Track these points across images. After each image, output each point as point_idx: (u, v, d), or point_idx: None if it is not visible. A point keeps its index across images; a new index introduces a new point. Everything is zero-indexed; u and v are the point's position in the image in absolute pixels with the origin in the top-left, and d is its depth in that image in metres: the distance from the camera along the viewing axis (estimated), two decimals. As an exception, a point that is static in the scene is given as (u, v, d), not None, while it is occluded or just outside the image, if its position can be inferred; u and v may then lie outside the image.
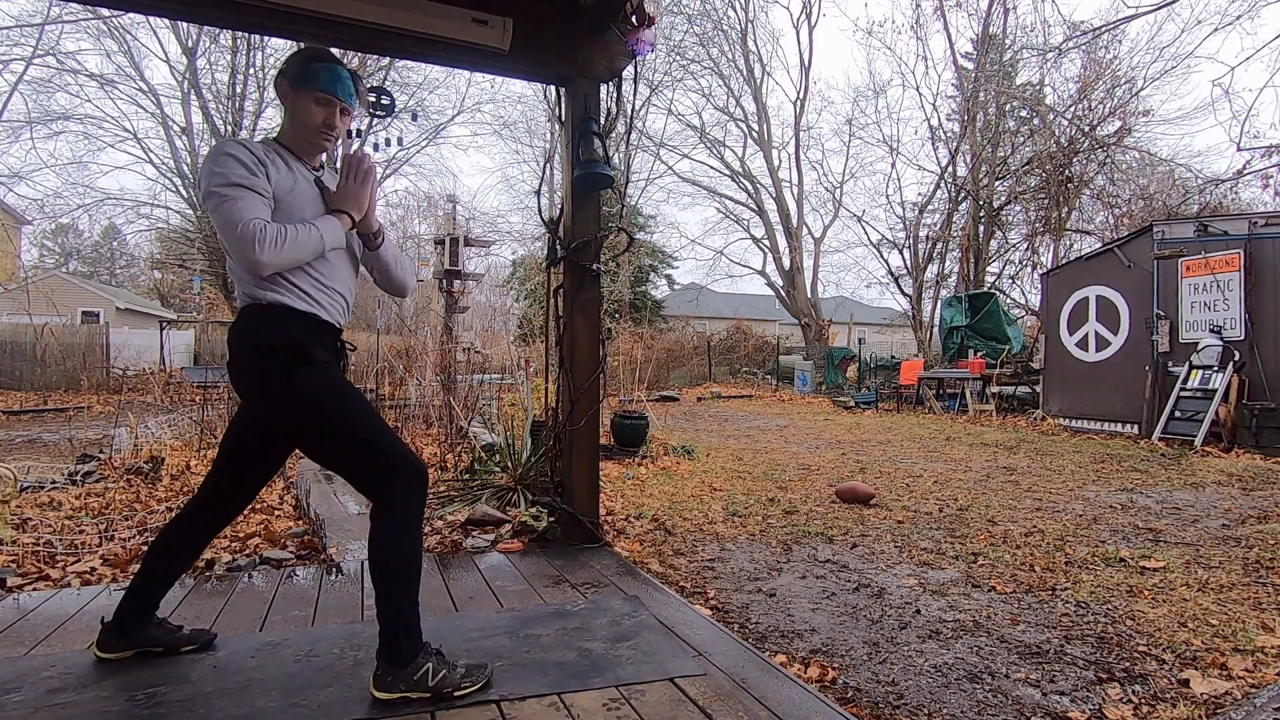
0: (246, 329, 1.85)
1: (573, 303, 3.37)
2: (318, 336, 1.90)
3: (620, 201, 11.97)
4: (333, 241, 1.90)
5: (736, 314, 31.10)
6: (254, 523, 3.83)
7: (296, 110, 1.95)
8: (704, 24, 21.97)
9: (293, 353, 1.81)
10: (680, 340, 23.95)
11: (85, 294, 26.66)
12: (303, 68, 1.92)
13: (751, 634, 2.58)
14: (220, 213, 1.75)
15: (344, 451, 1.83)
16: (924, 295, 20.54)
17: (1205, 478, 5.80)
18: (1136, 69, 17.18)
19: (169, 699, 1.76)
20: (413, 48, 3.13)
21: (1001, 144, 19.09)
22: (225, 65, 18.52)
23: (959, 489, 5.38)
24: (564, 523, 3.35)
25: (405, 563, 1.79)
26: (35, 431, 9.26)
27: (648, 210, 27.89)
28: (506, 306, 26.25)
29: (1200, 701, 2.03)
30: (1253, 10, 9.78)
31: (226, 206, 1.74)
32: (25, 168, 18.16)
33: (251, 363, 1.84)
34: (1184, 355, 8.33)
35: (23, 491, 4.29)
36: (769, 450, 7.77)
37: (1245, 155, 8.16)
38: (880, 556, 3.55)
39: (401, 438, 1.94)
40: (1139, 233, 9.47)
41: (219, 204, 1.75)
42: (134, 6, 3.53)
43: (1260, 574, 3.22)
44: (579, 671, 1.93)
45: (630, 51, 3.31)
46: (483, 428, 6.25)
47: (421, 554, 1.85)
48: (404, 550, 1.79)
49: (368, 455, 1.81)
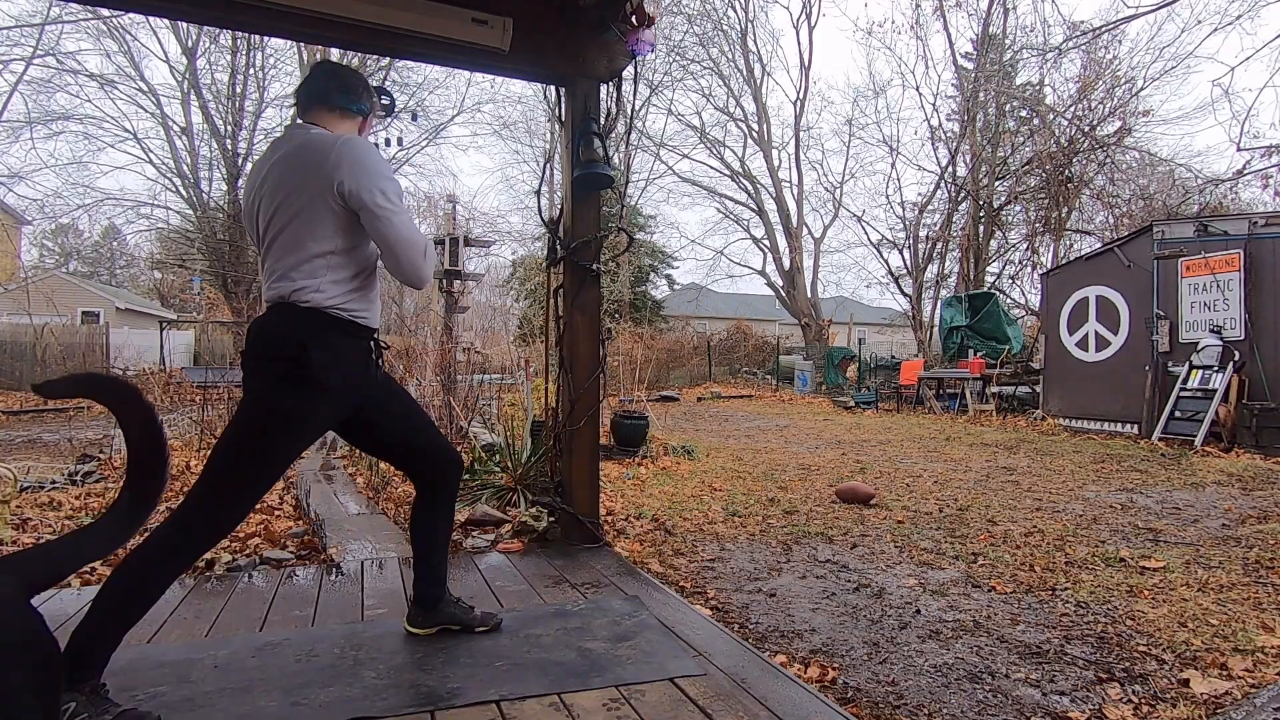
0: (271, 332, 1.83)
1: (573, 303, 3.37)
2: (361, 337, 1.93)
3: (620, 201, 11.97)
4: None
5: (736, 314, 31.09)
6: (254, 523, 3.83)
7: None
8: (704, 24, 21.97)
9: (292, 367, 1.77)
10: (680, 340, 23.94)
11: (85, 294, 26.65)
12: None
13: (751, 634, 2.58)
14: (397, 224, 1.80)
15: (211, 469, 1.77)
16: (924, 295, 20.54)
17: (1205, 478, 5.79)
18: (1136, 69, 17.18)
19: (169, 699, 1.76)
20: (413, 48, 3.13)
21: (1001, 144, 19.09)
22: (225, 65, 18.55)
23: (959, 489, 5.38)
24: (564, 523, 3.35)
25: (127, 594, 1.67)
26: (35, 431, 9.26)
27: (648, 210, 27.90)
28: (506, 306, 26.25)
29: (1200, 701, 2.03)
30: (1253, 10, 9.78)
31: (404, 219, 1.81)
32: (25, 168, 18.11)
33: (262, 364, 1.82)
34: (1184, 355, 8.33)
35: (23, 491, 4.29)
36: (769, 450, 7.76)
37: (1245, 155, 8.15)
38: (880, 556, 3.55)
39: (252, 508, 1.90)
40: (1139, 233, 9.46)
41: (394, 215, 1.80)
42: (134, 6, 3.53)
43: (1260, 574, 3.22)
44: (579, 671, 1.93)
45: (630, 51, 3.31)
46: (483, 428, 6.25)
47: (141, 606, 1.69)
48: (132, 583, 1.67)
49: (209, 495, 1.75)
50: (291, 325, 1.81)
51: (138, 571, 1.68)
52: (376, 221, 1.79)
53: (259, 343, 1.82)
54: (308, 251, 1.80)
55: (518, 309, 27.15)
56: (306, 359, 1.76)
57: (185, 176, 18.79)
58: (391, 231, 1.80)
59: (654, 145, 23.56)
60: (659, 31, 17.17)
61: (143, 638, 2.17)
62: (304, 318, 1.81)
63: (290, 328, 1.80)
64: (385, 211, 1.78)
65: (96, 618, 1.62)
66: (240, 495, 1.80)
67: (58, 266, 34.43)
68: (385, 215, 1.78)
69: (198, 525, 1.75)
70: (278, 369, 1.78)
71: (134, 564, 1.68)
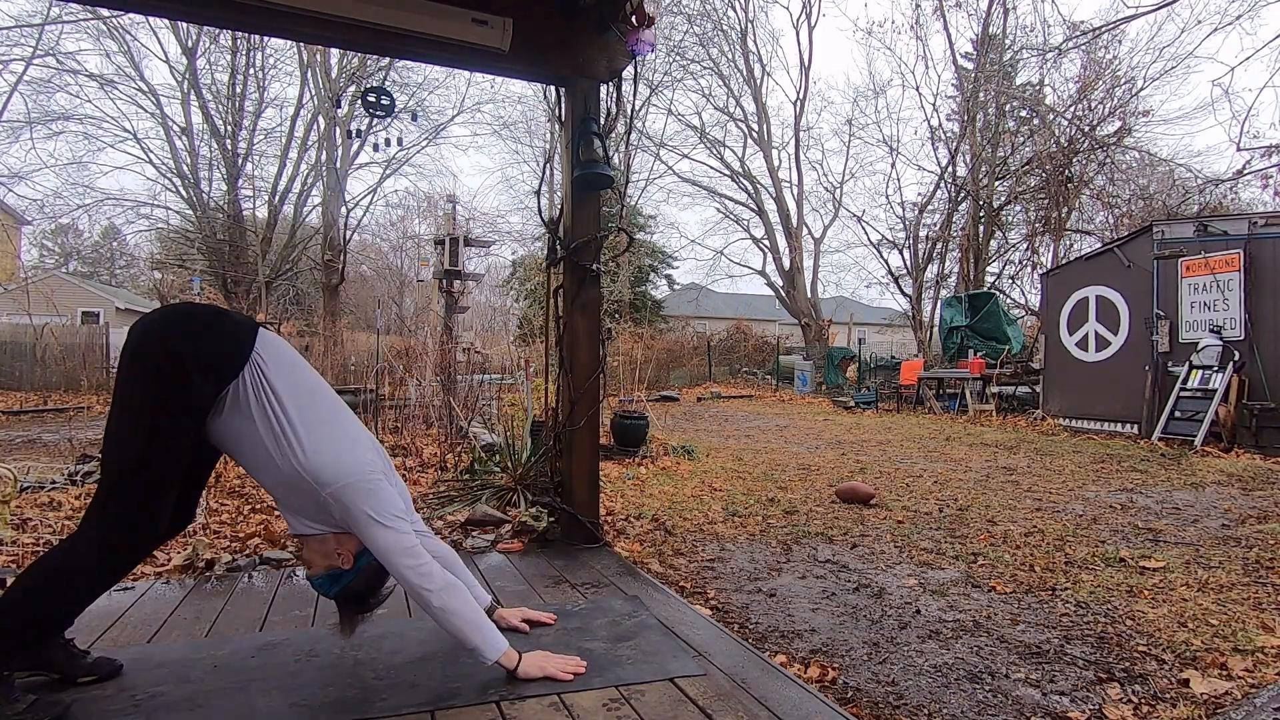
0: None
1: (573, 303, 3.37)
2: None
3: (620, 201, 11.96)
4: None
5: (736, 314, 31.12)
6: (254, 523, 3.83)
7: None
8: (704, 24, 21.98)
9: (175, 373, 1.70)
10: (680, 340, 23.95)
11: (85, 294, 26.67)
12: None
13: (751, 634, 2.58)
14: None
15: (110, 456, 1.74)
16: (924, 295, 20.55)
17: (1205, 478, 5.80)
18: (1136, 69, 17.20)
19: (169, 698, 1.76)
20: (413, 48, 3.13)
21: (1001, 144, 19.10)
22: (225, 65, 18.56)
23: (959, 489, 5.38)
24: (564, 523, 3.35)
25: (33, 596, 1.67)
26: (35, 431, 9.26)
27: (648, 210, 27.92)
28: (506, 306, 26.29)
29: (1200, 701, 2.03)
30: (1253, 10, 9.79)
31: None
32: (25, 168, 18.13)
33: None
34: (1184, 355, 8.33)
35: (23, 492, 4.29)
36: (769, 450, 7.76)
37: (1245, 155, 8.17)
38: (880, 556, 3.55)
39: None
40: (1139, 233, 9.47)
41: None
42: (134, 6, 3.53)
43: (1260, 574, 3.22)
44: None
45: (630, 52, 3.30)
46: (483, 428, 6.25)
47: (51, 609, 1.70)
48: (41, 585, 1.68)
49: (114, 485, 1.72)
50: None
51: (57, 583, 1.69)
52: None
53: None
54: None
55: (518, 309, 27.18)
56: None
57: (185, 176, 18.80)
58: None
59: (654, 145, 23.60)
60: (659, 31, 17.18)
61: (142, 638, 2.17)
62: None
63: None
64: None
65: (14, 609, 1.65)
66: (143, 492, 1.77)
67: (58, 266, 34.44)
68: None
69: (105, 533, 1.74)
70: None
71: (51, 571, 1.70)
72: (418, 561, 1.76)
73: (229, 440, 1.78)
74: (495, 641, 1.82)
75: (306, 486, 1.74)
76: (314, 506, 1.78)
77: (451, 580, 1.81)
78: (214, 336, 1.75)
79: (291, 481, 1.75)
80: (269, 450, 1.73)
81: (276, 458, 1.73)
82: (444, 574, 1.81)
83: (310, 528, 1.83)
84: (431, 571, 1.78)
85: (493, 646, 1.81)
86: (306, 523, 1.82)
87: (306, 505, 1.79)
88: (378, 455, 1.89)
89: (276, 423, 1.73)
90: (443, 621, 1.78)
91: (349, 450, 1.79)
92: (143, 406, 1.70)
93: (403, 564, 1.74)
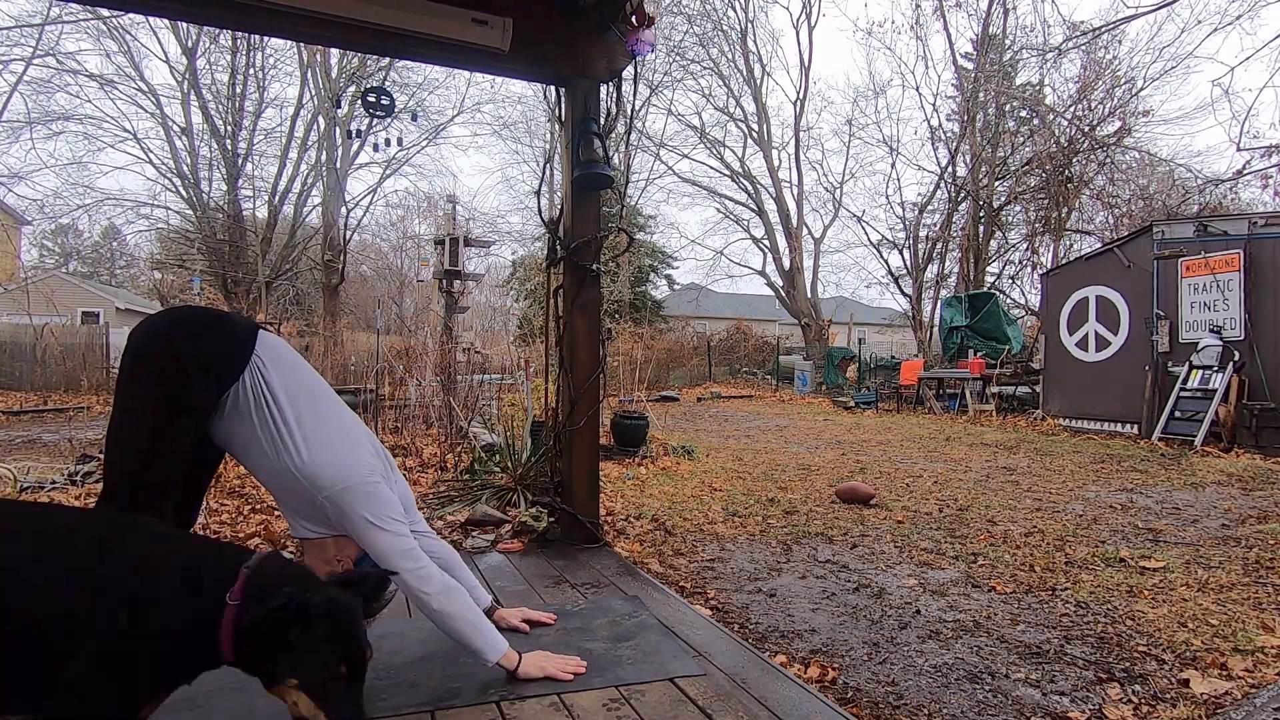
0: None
1: (573, 303, 3.37)
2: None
3: (620, 201, 11.96)
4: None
5: (736, 314, 31.11)
6: (254, 523, 3.83)
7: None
8: (704, 24, 21.99)
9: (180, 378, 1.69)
10: (680, 340, 23.96)
11: (85, 294, 26.65)
12: None
13: (751, 634, 2.58)
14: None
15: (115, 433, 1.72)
16: (924, 295, 20.56)
17: (1205, 478, 5.79)
18: (1136, 69, 17.19)
19: (168, 698, 1.76)
20: (413, 48, 3.13)
21: (1001, 144, 19.10)
22: (225, 65, 18.55)
23: (959, 489, 5.38)
24: (564, 523, 3.35)
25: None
26: (35, 431, 9.26)
27: (648, 210, 27.92)
28: (506, 306, 26.28)
29: (1200, 701, 2.03)
30: (1253, 10, 9.79)
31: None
32: (25, 168, 18.08)
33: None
34: (1184, 355, 8.33)
35: (23, 492, 4.29)
36: (769, 450, 7.76)
37: (1245, 155, 8.17)
38: (880, 556, 3.55)
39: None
40: (1139, 233, 9.47)
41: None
42: (134, 7, 3.53)
43: (1260, 574, 3.22)
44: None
45: (630, 52, 3.31)
46: (483, 428, 6.25)
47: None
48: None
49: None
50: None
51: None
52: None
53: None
54: None
55: (518, 309, 27.18)
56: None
57: (185, 177, 18.79)
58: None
59: (654, 145, 23.60)
60: (659, 31, 17.18)
61: (142, 638, 2.16)
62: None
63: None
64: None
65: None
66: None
67: (58, 266, 34.43)
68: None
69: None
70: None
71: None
72: (416, 564, 1.76)
73: (229, 442, 1.78)
74: (495, 642, 1.82)
75: (304, 490, 1.74)
76: (312, 509, 1.78)
77: (450, 583, 1.81)
78: (215, 338, 1.75)
79: (290, 484, 1.75)
80: (267, 453, 1.73)
81: (274, 461, 1.73)
82: (443, 576, 1.81)
83: (310, 530, 1.83)
84: (430, 574, 1.77)
85: (493, 647, 1.81)
86: (306, 525, 1.82)
87: (305, 508, 1.79)
88: (378, 457, 1.89)
89: (275, 427, 1.73)
90: (442, 624, 1.78)
91: (348, 453, 1.80)
92: (145, 408, 1.70)
93: (401, 567, 1.74)
